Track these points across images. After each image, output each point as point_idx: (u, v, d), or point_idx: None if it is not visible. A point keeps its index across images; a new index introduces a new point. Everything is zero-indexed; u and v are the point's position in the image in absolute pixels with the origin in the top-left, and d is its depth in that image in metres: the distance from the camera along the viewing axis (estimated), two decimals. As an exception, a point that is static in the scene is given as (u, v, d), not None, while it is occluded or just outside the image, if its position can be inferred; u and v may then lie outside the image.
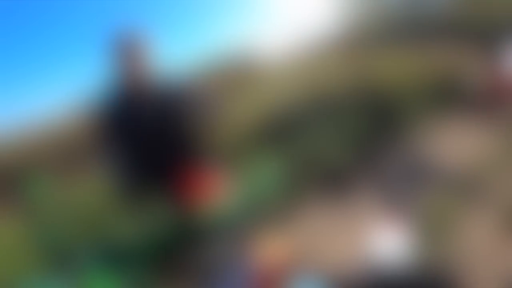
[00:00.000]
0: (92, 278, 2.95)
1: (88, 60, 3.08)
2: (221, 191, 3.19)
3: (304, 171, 3.60)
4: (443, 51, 3.90)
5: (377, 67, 3.88)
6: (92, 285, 2.94)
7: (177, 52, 3.12)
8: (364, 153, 3.74)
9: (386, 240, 3.55)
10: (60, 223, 3.11)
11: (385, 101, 3.84)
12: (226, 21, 3.49)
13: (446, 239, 3.48)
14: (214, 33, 3.47)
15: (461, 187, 3.59)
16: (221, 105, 3.34)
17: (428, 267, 3.44)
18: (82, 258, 3.01)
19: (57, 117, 3.33)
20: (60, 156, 3.35)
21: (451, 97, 3.82)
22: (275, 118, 3.67)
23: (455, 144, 3.75)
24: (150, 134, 3.04)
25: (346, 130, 3.79)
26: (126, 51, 3.03)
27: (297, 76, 3.85)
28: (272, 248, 3.28)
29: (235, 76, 3.65)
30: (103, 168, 3.17)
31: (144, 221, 3.01)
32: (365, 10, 4.05)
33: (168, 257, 3.05)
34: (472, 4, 4.05)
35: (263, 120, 3.63)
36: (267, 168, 3.44)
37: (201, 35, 3.41)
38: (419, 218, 3.54)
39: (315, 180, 3.62)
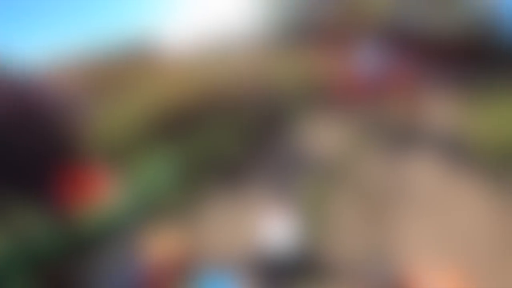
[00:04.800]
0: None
1: None
2: (106, 192, 3.00)
3: (199, 166, 3.59)
4: (317, 54, 4.25)
5: (269, 67, 4.08)
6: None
7: (37, 47, 2.93)
8: (254, 147, 3.91)
9: (275, 226, 3.67)
10: None
11: (273, 99, 4.06)
12: (124, 9, 3.34)
13: (320, 221, 3.67)
14: (108, 20, 3.30)
15: (330, 174, 3.89)
16: (100, 101, 3.16)
17: (307, 248, 3.61)
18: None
19: None
20: None
21: (319, 96, 4.19)
22: (171, 113, 3.66)
23: (323, 137, 4.01)
24: (9, 136, 2.80)
25: (239, 126, 3.91)
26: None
27: (195, 72, 3.86)
28: (164, 244, 3.22)
29: (128, 68, 3.55)
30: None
31: (16, 232, 2.78)
32: (267, 14, 4.14)
33: (50, 268, 2.84)
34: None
35: (157, 115, 3.59)
36: (159, 164, 3.29)
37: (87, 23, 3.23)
38: (299, 204, 3.74)
39: (210, 174, 3.66)
